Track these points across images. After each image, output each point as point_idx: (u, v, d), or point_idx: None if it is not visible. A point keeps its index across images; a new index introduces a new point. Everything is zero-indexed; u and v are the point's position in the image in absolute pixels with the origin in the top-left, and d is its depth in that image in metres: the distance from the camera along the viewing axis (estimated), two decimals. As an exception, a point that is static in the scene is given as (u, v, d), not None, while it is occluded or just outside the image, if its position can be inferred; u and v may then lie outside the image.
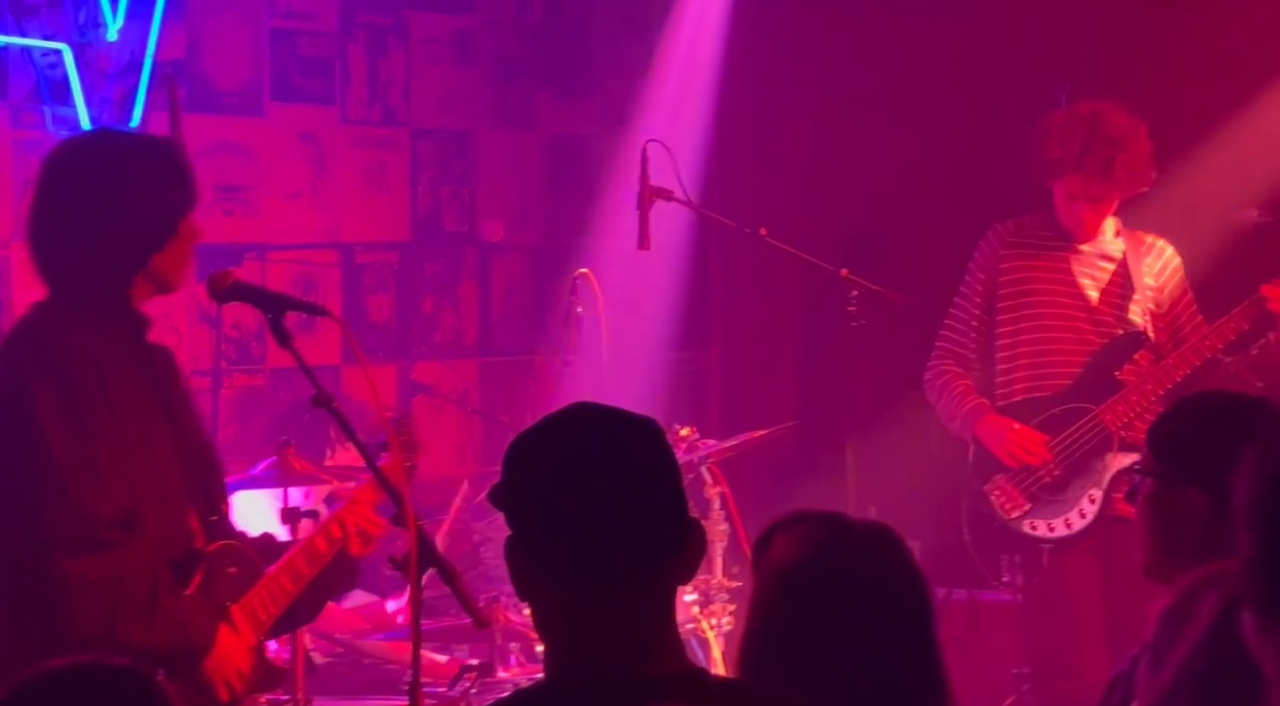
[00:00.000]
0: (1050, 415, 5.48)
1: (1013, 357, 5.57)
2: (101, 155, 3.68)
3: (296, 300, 3.72)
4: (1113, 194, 5.42)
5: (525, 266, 7.29)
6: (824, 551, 2.51)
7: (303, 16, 6.55)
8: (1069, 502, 5.45)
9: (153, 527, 3.53)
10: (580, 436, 2.37)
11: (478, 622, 3.49)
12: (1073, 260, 5.54)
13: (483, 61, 7.12)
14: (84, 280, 3.61)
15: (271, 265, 6.46)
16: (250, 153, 6.40)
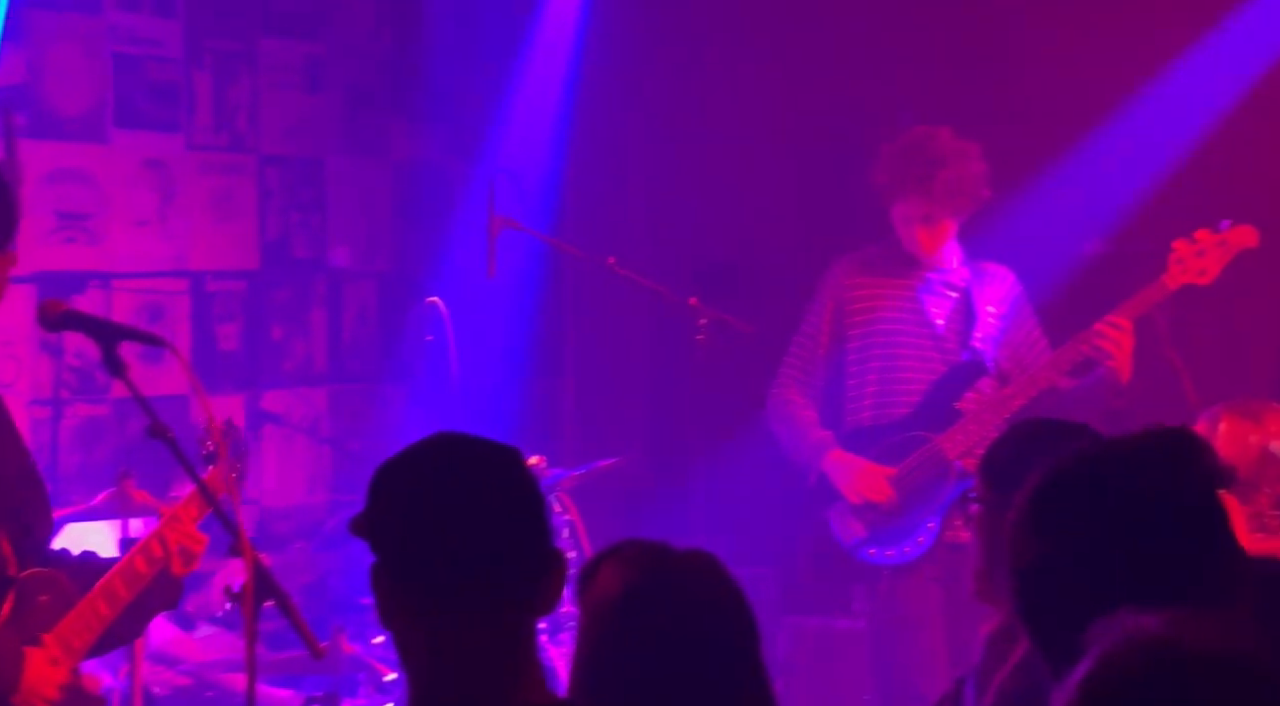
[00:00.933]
0: (890, 443, 5.54)
1: (861, 384, 5.63)
2: None
3: (130, 329, 3.67)
4: (941, 213, 5.50)
5: (375, 294, 7.25)
6: (644, 580, 2.51)
7: (148, 42, 6.48)
8: (907, 530, 5.51)
9: None
10: (440, 466, 2.38)
11: (313, 653, 3.46)
12: (918, 288, 5.61)
13: (333, 88, 7.08)
14: None
15: (117, 294, 6.37)
16: (93, 180, 6.32)
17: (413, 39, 7.31)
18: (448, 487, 2.35)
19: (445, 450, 2.40)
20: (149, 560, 3.76)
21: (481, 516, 2.34)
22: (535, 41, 7.07)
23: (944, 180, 5.42)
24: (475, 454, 2.40)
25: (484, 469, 2.38)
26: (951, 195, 5.45)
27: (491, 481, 2.37)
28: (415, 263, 7.07)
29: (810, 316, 5.73)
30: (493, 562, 2.33)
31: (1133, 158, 6.44)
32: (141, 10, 6.46)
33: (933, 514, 5.50)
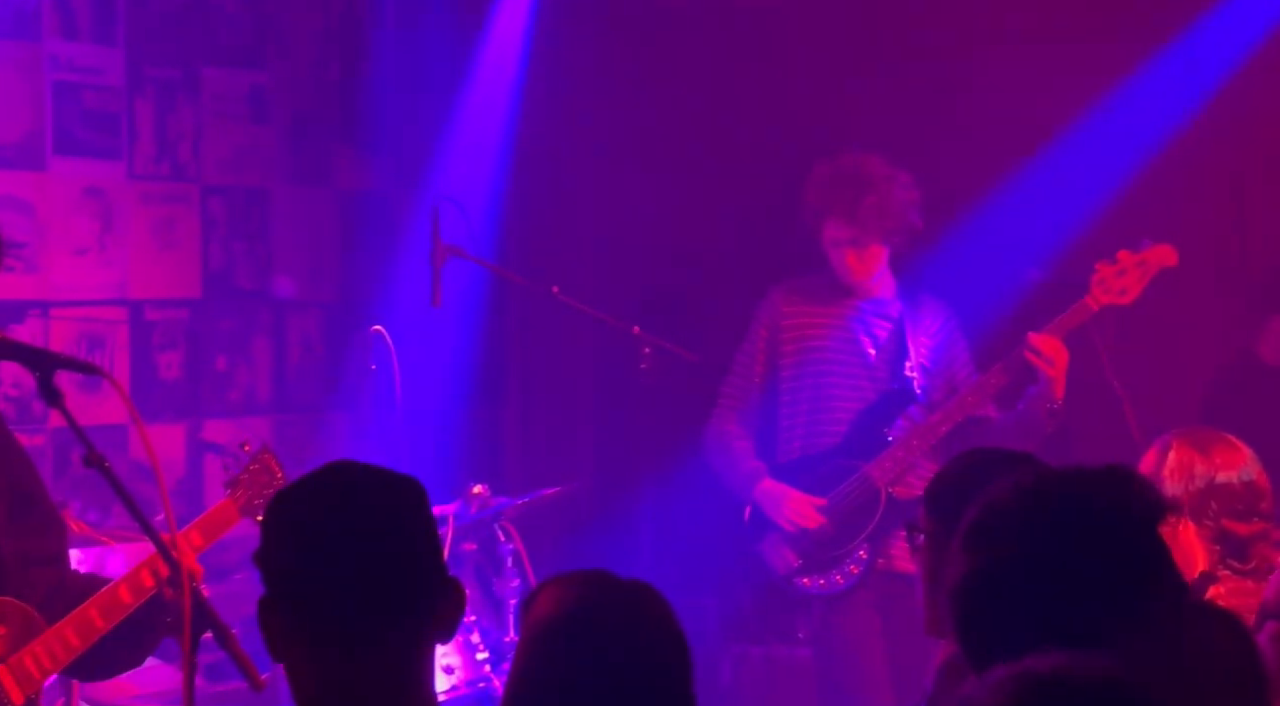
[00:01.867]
0: (822, 472, 5.55)
1: (793, 414, 5.64)
2: None
3: (67, 358, 3.63)
4: (868, 238, 5.51)
5: (320, 323, 7.21)
6: (580, 607, 2.51)
7: (88, 70, 6.44)
8: (839, 559, 5.52)
9: None
10: (332, 495, 2.38)
11: (253, 686, 3.43)
12: (851, 317, 5.63)
13: (277, 117, 7.05)
14: None
15: (55, 323, 6.32)
16: (31, 208, 6.27)
17: (357, 68, 7.30)
18: (338, 517, 2.35)
19: (338, 479, 2.40)
20: (135, 590, 3.70)
21: (372, 545, 2.34)
22: (479, 69, 7.07)
23: (870, 204, 5.44)
24: (368, 483, 2.40)
25: (376, 498, 2.38)
26: (878, 219, 5.47)
27: (383, 510, 2.37)
28: (360, 292, 7.05)
29: (746, 345, 5.74)
30: (384, 591, 2.33)
31: (1072, 185, 6.49)
32: (81, 38, 6.42)
33: (863, 542, 5.50)
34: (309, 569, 2.33)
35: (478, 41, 7.08)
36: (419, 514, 2.38)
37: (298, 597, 2.33)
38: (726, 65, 7.24)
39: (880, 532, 5.49)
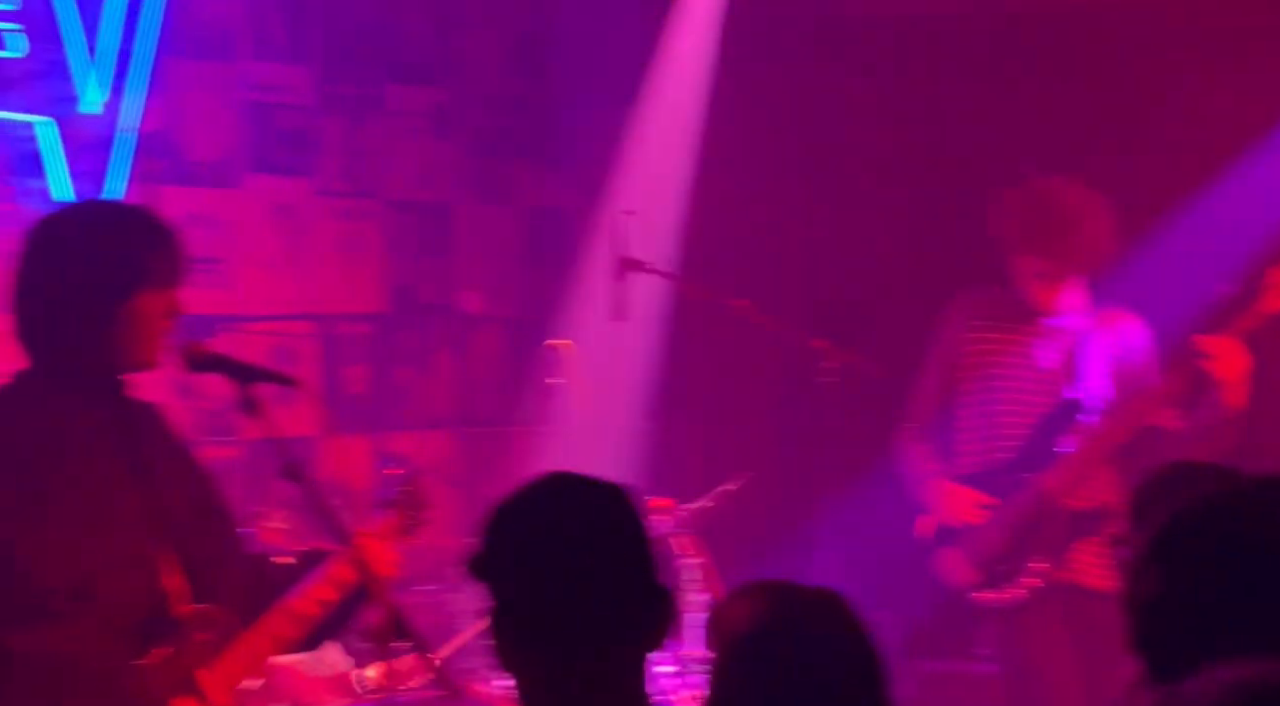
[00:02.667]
0: (994, 486, 5.50)
1: (969, 428, 5.60)
2: (67, 224, 3.71)
3: (268, 371, 3.72)
4: (1065, 272, 5.44)
5: (503, 338, 7.30)
6: (770, 619, 2.51)
7: (280, 89, 6.59)
8: (1014, 573, 5.46)
9: (107, 596, 3.50)
10: (552, 505, 2.42)
11: (450, 692, 3.48)
12: (1032, 334, 5.55)
13: (460, 134, 7.15)
14: (49, 349, 3.62)
15: (247, 337, 6.46)
16: (225, 224, 6.41)
17: (539, 84, 7.38)
18: (559, 526, 2.40)
19: (556, 490, 2.45)
20: (320, 603, 3.76)
21: (592, 554, 2.39)
22: (663, 82, 7.10)
23: (1070, 243, 5.36)
24: (586, 493, 2.45)
25: (594, 507, 2.43)
26: (1080, 258, 5.39)
27: (602, 519, 2.42)
28: (543, 306, 7.11)
29: (928, 359, 5.71)
30: (603, 599, 2.38)
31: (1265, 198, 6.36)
32: (274, 58, 6.57)
33: (1039, 555, 5.44)
34: (529, 580, 2.38)
35: (659, 55, 7.12)
36: (634, 522, 2.42)
37: (520, 608, 2.39)
38: (905, 74, 7.21)
39: (1058, 546, 5.42)
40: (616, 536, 2.40)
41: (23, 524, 3.44)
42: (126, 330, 3.59)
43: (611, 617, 2.38)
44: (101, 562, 3.52)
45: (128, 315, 3.59)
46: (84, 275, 3.57)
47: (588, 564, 2.38)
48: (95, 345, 3.58)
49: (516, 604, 2.40)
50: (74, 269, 3.58)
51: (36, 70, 5.84)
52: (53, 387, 3.59)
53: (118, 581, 3.54)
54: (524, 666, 2.41)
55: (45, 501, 3.48)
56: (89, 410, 3.61)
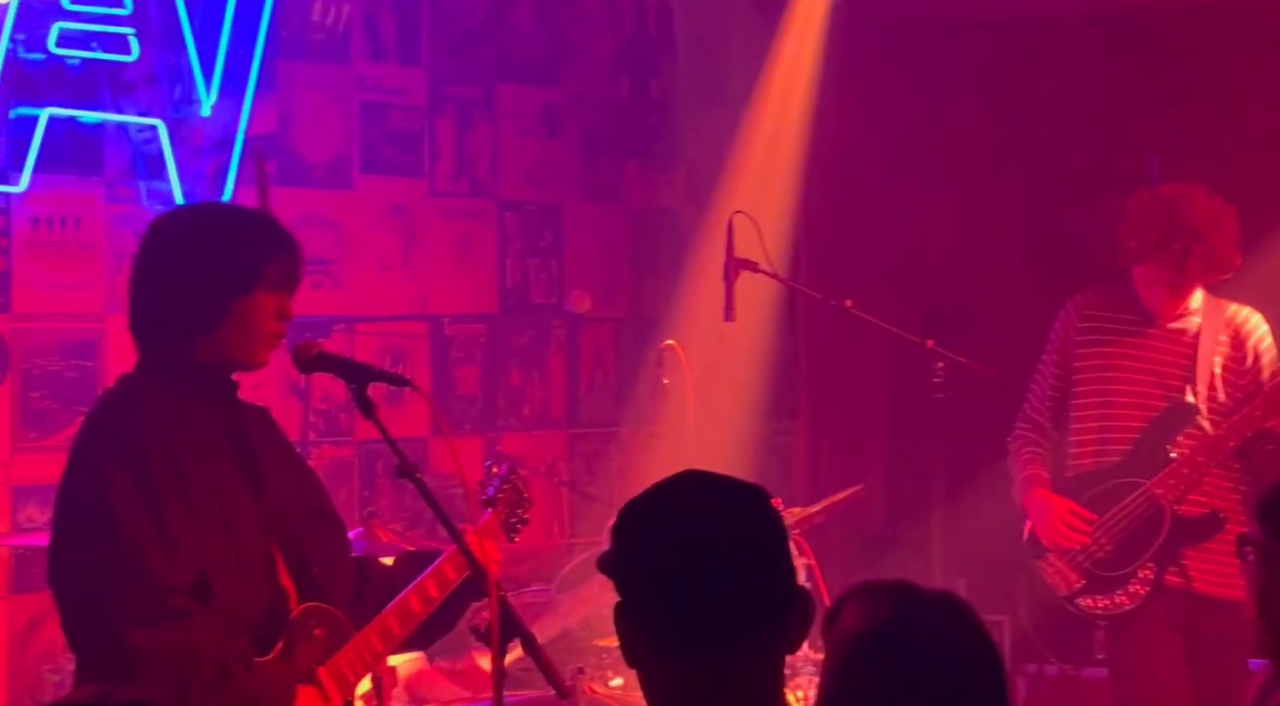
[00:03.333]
0: (1102, 489, 5.43)
1: (1083, 430, 5.53)
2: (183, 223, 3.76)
3: (381, 371, 3.74)
4: (1190, 282, 5.36)
5: (612, 338, 7.31)
6: (890, 619, 2.49)
7: (392, 91, 6.63)
8: (1122, 579, 5.39)
9: (224, 594, 3.54)
10: (689, 503, 2.41)
11: (560, 693, 3.48)
12: (1150, 335, 5.48)
13: (570, 134, 7.17)
14: (161, 346, 3.67)
15: (359, 337, 6.51)
16: (339, 225, 6.47)
17: (649, 84, 7.38)
18: (693, 525, 2.38)
19: (690, 488, 2.43)
20: (423, 600, 3.81)
21: (727, 554, 2.36)
22: (770, 84, 7.08)
23: (1200, 254, 5.27)
24: (720, 492, 2.42)
25: (729, 506, 2.41)
26: (1204, 269, 5.31)
27: (736, 519, 2.39)
28: (651, 307, 7.12)
29: (1044, 359, 5.66)
30: (738, 600, 2.35)
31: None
32: (387, 59, 6.61)
33: (1148, 561, 5.37)
34: (659, 579, 2.36)
35: (769, 57, 7.10)
36: (767, 523, 2.41)
37: (648, 607, 2.37)
38: (1015, 75, 7.15)
39: (1166, 552, 5.35)
40: (752, 535, 2.38)
41: (147, 522, 3.47)
42: (237, 330, 3.63)
43: (741, 618, 2.35)
44: (219, 561, 3.55)
45: (239, 315, 3.62)
46: (197, 273, 3.61)
47: (723, 562, 2.36)
48: (205, 344, 3.62)
49: (648, 602, 2.38)
50: (188, 267, 3.62)
51: (152, 74, 5.91)
52: (167, 386, 3.63)
53: (235, 580, 3.57)
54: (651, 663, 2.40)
55: (166, 500, 3.51)
56: (203, 409, 3.65)
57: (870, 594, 2.56)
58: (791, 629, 2.40)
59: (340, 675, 3.69)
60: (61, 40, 5.65)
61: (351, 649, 3.72)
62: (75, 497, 3.57)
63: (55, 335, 5.71)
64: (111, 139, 5.83)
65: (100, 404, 3.69)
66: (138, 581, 3.44)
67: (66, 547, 3.56)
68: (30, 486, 5.60)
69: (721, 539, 2.37)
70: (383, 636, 3.77)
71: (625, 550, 2.41)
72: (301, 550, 3.71)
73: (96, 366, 5.78)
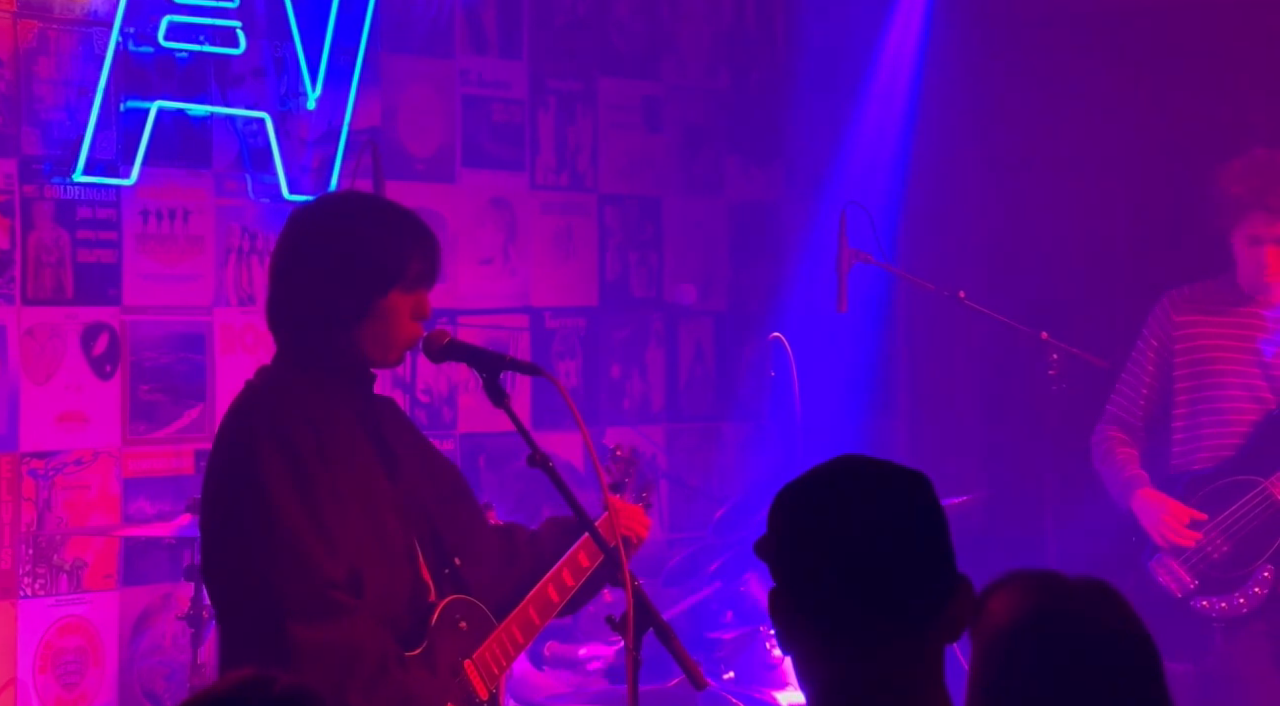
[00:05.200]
0: (1216, 488, 5.32)
1: (1190, 426, 5.41)
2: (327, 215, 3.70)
3: (512, 359, 3.71)
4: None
5: (712, 332, 7.27)
6: (1038, 611, 2.41)
7: (494, 84, 6.62)
8: (1239, 580, 5.29)
9: (374, 587, 3.51)
10: (844, 488, 2.35)
11: (697, 684, 3.45)
12: (1253, 323, 5.38)
13: (670, 127, 7.14)
14: (301, 339, 3.64)
15: (462, 330, 6.49)
16: (442, 219, 6.46)
17: (748, 77, 7.34)
18: (851, 510, 2.33)
19: (849, 473, 2.38)
20: (560, 589, 3.79)
21: (886, 539, 2.31)
22: (873, 75, 7.03)
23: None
24: (879, 477, 2.37)
25: (888, 492, 2.35)
26: None
27: (895, 504, 2.34)
28: (752, 301, 7.08)
29: (1136, 355, 5.55)
30: (897, 587, 2.31)
31: None
32: (489, 53, 6.60)
33: (1267, 562, 5.27)
34: (815, 564, 2.32)
35: (874, 46, 7.05)
36: (928, 509, 2.35)
37: (804, 593, 2.33)
38: (1121, 63, 7.06)
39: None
40: (913, 522, 2.33)
41: (305, 513, 3.44)
42: (374, 327, 3.59)
43: (898, 605, 2.31)
44: (367, 554, 3.52)
45: (379, 312, 3.58)
46: (340, 269, 3.56)
47: (874, 548, 2.31)
48: (343, 339, 3.59)
49: (807, 589, 2.34)
50: (330, 263, 3.57)
51: (259, 67, 5.93)
52: (309, 380, 3.60)
53: (383, 572, 3.54)
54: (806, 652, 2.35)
55: (321, 491, 3.48)
56: (339, 402, 3.62)
57: (1015, 585, 2.50)
58: (951, 618, 2.35)
59: (486, 667, 3.67)
60: (170, 33, 5.67)
61: (495, 641, 3.70)
62: (231, 488, 3.53)
63: (164, 328, 5.73)
64: (219, 132, 5.84)
65: (247, 394, 3.64)
66: (301, 574, 3.41)
67: (226, 540, 3.52)
68: (141, 479, 5.61)
69: (883, 526, 2.32)
70: (524, 627, 3.75)
71: (781, 535, 2.36)
72: (439, 539, 3.68)
73: (205, 359, 5.79)
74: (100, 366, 5.58)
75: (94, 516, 5.53)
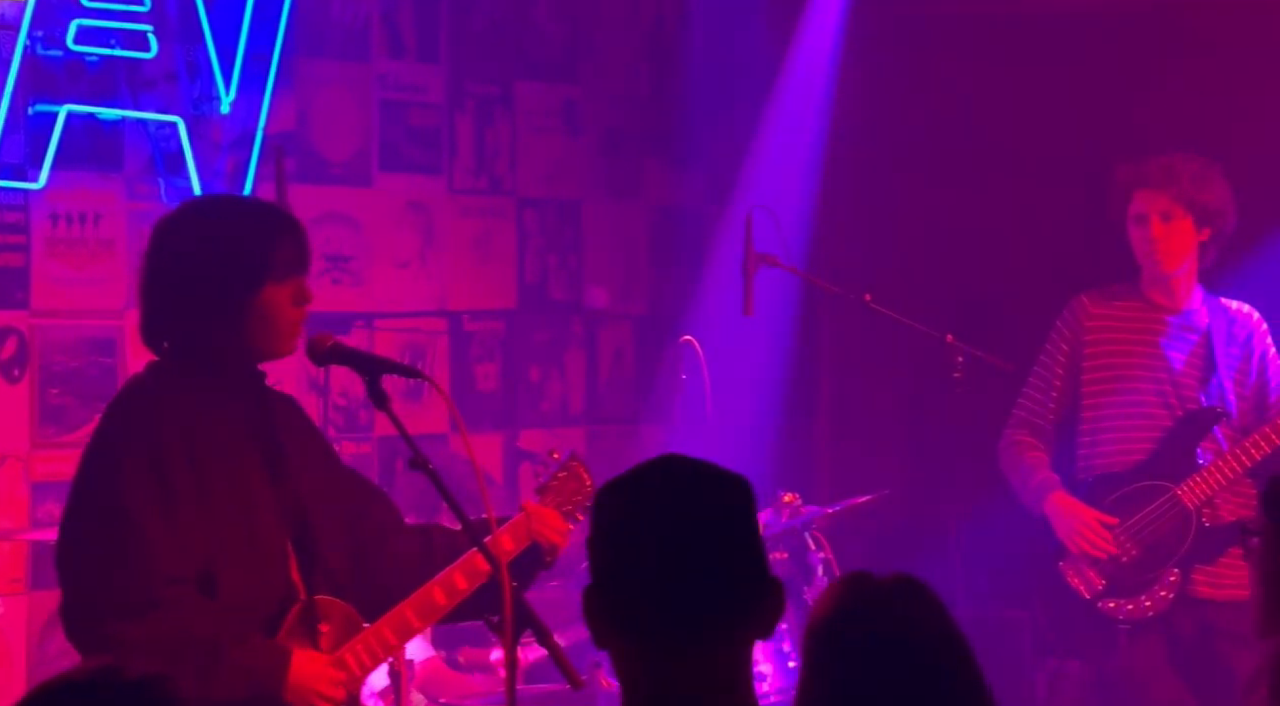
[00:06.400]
0: (1126, 492, 5.40)
1: (1096, 430, 5.49)
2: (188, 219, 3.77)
3: (394, 363, 3.75)
4: (1179, 209, 5.33)
5: (631, 335, 7.31)
6: (847, 604, 2.47)
7: (412, 88, 6.64)
8: (1148, 583, 5.37)
9: (233, 587, 3.56)
10: (663, 488, 2.39)
11: (573, 685, 3.48)
12: (1158, 330, 5.46)
13: (589, 131, 7.17)
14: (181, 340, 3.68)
15: (379, 333, 6.52)
16: (358, 223, 6.48)
17: (668, 81, 7.38)
18: (665, 510, 2.36)
19: (666, 473, 2.42)
20: (449, 592, 3.78)
21: (694, 540, 2.35)
22: (789, 79, 7.08)
23: (1189, 173, 5.30)
24: (695, 477, 2.41)
25: (702, 493, 2.39)
26: (1193, 188, 5.29)
27: (707, 506, 2.38)
28: (671, 303, 7.11)
29: (1045, 357, 5.61)
30: (708, 587, 2.35)
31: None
32: (406, 57, 6.62)
33: (1174, 566, 5.34)
34: (630, 561, 2.35)
35: (788, 51, 7.10)
36: (743, 511, 2.39)
37: (617, 589, 2.36)
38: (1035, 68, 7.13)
39: (1192, 557, 5.33)
40: (721, 521, 2.37)
41: (154, 512, 3.48)
42: (257, 321, 3.63)
43: (711, 603, 2.35)
44: (232, 554, 3.57)
45: (257, 307, 3.63)
46: (208, 268, 3.62)
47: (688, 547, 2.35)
48: (227, 336, 3.63)
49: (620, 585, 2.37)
50: (198, 262, 3.64)
51: (171, 71, 5.93)
52: (187, 378, 3.64)
53: (247, 573, 3.58)
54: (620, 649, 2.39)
55: (177, 490, 3.52)
56: (224, 400, 3.66)
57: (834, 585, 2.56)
58: (762, 617, 2.39)
59: (345, 666, 3.69)
60: (80, 37, 5.67)
61: (361, 641, 3.72)
62: (86, 485, 3.61)
63: (74, 332, 5.73)
64: (131, 135, 5.84)
65: (121, 393, 3.72)
66: (134, 570, 3.47)
67: (72, 535, 3.60)
68: (49, 482, 5.61)
69: (691, 525, 2.35)
70: (398, 630, 3.76)
71: (597, 531, 2.40)
72: (316, 542, 3.71)
73: (115, 363, 5.79)
74: (9, 370, 5.58)
75: (1, 520, 5.54)
